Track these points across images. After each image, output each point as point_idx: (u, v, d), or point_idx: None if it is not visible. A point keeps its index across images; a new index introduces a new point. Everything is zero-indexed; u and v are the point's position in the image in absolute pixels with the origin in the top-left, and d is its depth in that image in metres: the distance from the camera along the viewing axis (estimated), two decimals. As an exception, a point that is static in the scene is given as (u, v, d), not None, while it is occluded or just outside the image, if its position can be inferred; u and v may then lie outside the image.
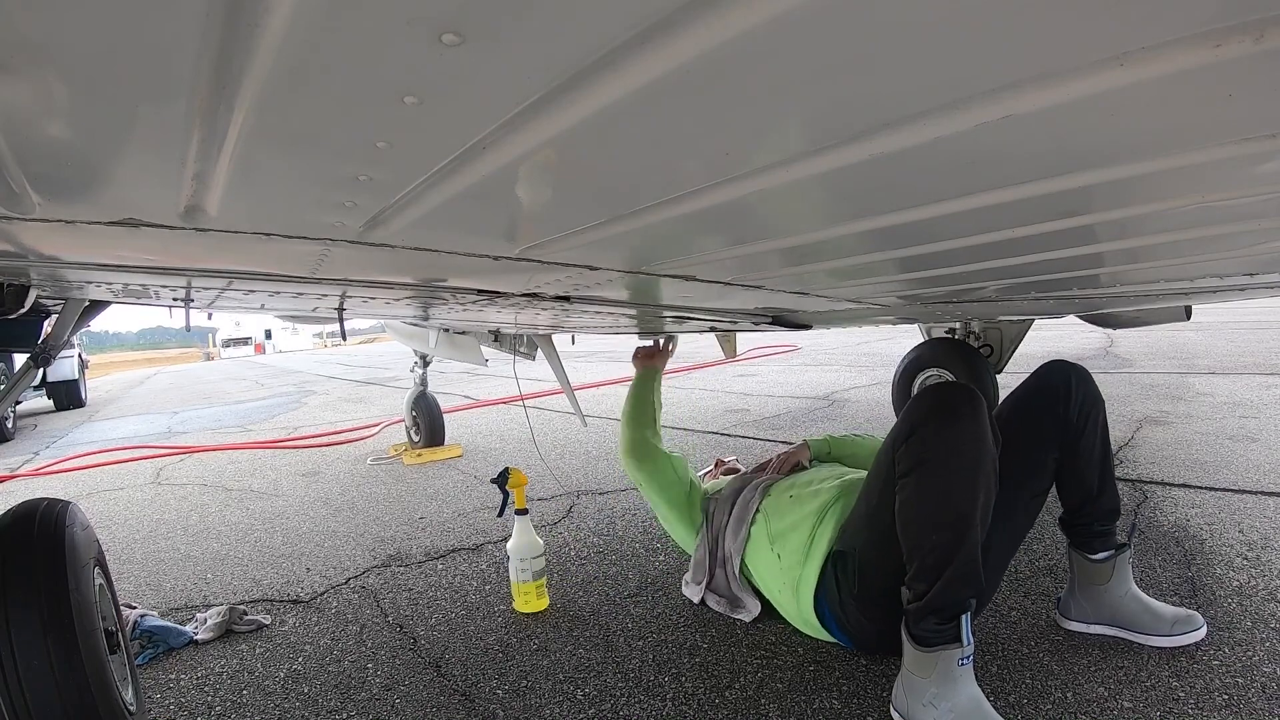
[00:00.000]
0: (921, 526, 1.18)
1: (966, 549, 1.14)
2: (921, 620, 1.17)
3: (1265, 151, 0.51)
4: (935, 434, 1.19)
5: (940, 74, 0.39)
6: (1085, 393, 1.38)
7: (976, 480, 1.16)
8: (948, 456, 1.17)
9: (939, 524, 1.16)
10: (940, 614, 1.15)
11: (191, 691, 1.51)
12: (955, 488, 1.16)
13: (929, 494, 1.18)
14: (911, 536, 1.19)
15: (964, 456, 1.17)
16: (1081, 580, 1.44)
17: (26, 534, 1.07)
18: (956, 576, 1.14)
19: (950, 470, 1.17)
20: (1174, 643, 1.34)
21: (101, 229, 0.66)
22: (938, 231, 0.77)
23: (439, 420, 3.98)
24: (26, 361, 1.61)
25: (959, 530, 1.14)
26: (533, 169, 0.53)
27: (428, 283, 1.18)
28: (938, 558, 1.15)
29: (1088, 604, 1.44)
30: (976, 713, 1.12)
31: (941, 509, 1.16)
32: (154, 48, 0.34)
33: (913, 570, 1.19)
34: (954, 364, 3.20)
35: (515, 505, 1.83)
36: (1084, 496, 1.40)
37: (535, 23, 0.33)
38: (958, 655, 1.13)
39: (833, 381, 5.40)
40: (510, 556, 1.77)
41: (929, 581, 1.15)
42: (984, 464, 1.17)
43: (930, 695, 1.14)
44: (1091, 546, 1.42)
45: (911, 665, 1.18)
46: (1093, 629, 1.44)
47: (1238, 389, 3.70)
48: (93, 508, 3.29)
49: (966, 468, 1.16)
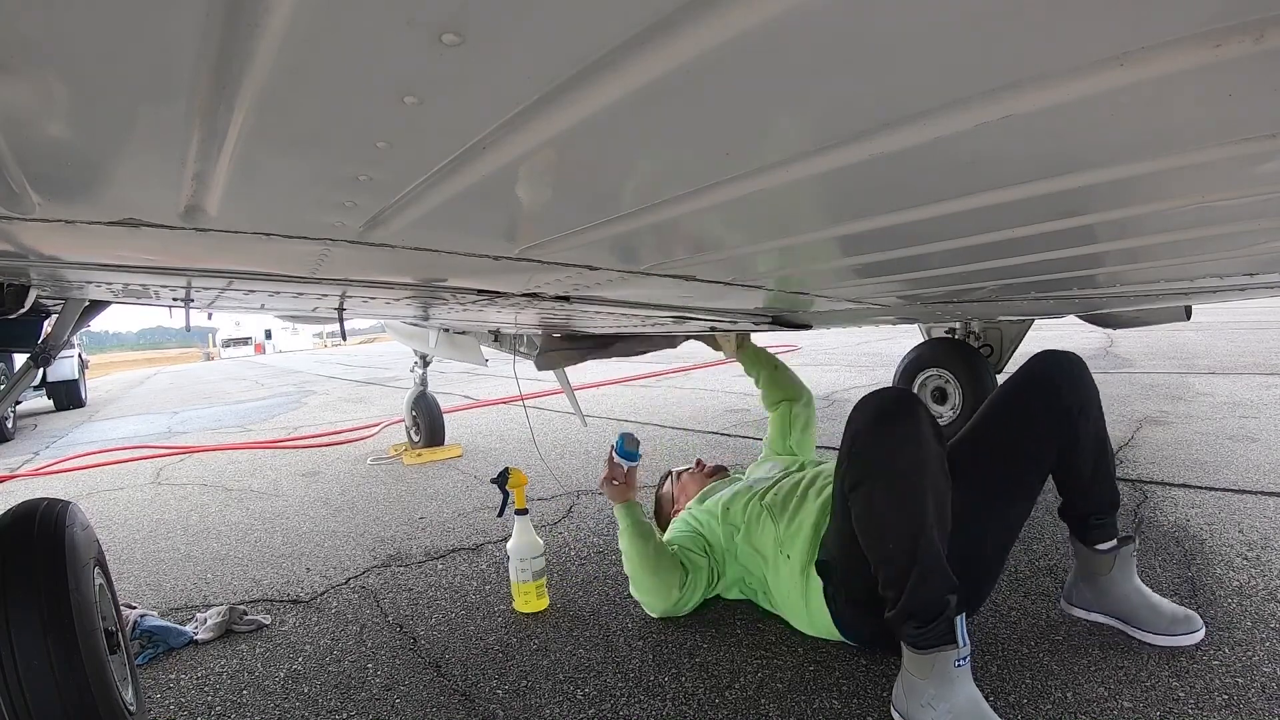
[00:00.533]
0: (877, 538, 1.20)
1: (925, 551, 1.15)
2: (903, 625, 1.17)
3: (1265, 151, 0.51)
4: (874, 444, 1.21)
5: (940, 74, 0.39)
6: (1079, 382, 1.37)
7: (922, 482, 1.17)
8: (888, 465, 1.19)
9: (892, 533, 1.17)
10: (918, 617, 1.15)
11: (191, 691, 1.51)
12: (902, 494, 1.17)
13: (877, 505, 1.19)
14: (871, 548, 1.21)
15: (904, 461, 1.18)
16: (1083, 569, 1.45)
17: (26, 534, 1.07)
18: (922, 578, 1.14)
19: (893, 478, 1.18)
20: (1170, 642, 1.33)
21: (101, 229, 0.66)
22: (938, 231, 0.77)
23: (439, 420, 3.98)
24: (26, 361, 1.61)
25: (912, 535, 1.15)
26: (533, 169, 0.53)
27: (428, 283, 1.18)
28: (899, 565, 1.16)
29: (1090, 592, 1.44)
30: (974, 713, 1.12)
31: (891, 518, 1.17)
32: (154, 48, 0.34)
33: (881, 579, 1.20)
34: (954, 364, 3.20)
35: (515, 505, 1.83)
36: (1080, 487, 1.39)
37: (535, 23, 0.33)
38: (954, 656, 1.13)
39: (833, 381, 5.40)
40: (510, 556, 1.77)
41: (898, 589, 1.16)
42: (927, 464, 1.18)
43: (928, 696, 1.14)
44: (1090, 537, 1.42)
45: (910, 666, 1.18)
46: (1093, 617, 1.45)
47: (1238, 389, 3.70)
48: (93, 508, 3.29)
49: (909, 472, 1.17)
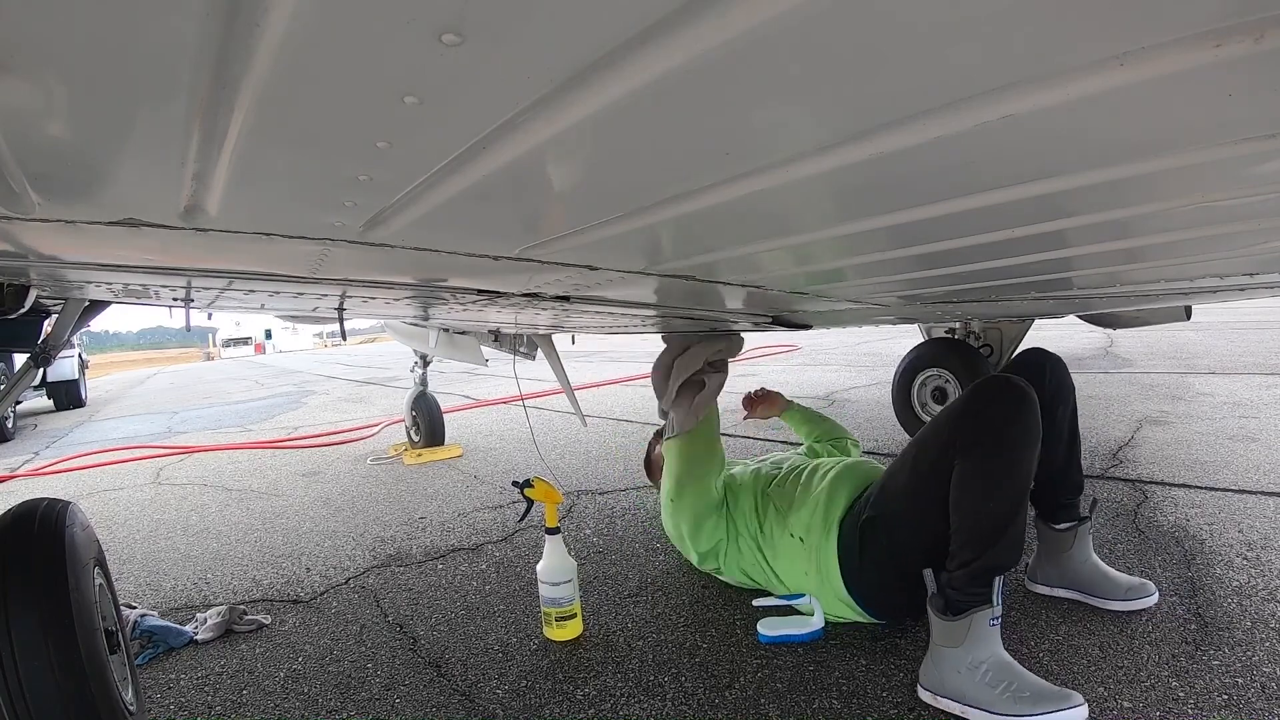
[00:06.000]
0: (981, 498, 1.25)
1: (1019, 521, 1.24)
2: (956, 584, 1.23)
3: (1265, 151, 0.51)
4: (1002, 416, 1.28)
5: (940, 74, 0.39)
6: (1057, 376, 1.52)
7: (1031, 465, 1.27)
8: (1014, 437, 1.26)
9: (998, 494, 1.24)
10: (979, 579, 1.22)
11: (191, 691, 1.51)
12: (1016, 465, 1.25)
13: (992, 469, 1.26)
14: (968, 506, 1.26)
15: (1027, 442, 1.26)
16: (1047, 548, 1.59)
17: (26, 534, 1.07)
18: (1005, 545, 1.22)
19: (1013, 450, 1.26)
20: (1126, 607, 1.48)
21: (101, 229, 0.66)
22: (938, 231, 0.77)
23: (439, 420, 3.98)
24: (26, 361, 1.61)
25: (1016, 504, 1.24)
26: (533, 169, 0.53)
27: (428, 283, 1.18)
28: (993, 526, 1.22)
29: (1052, 569, 1.58)
30: (1011, 670, 1.18)
31: (1001, 483, 1.24)
32: (154, 48, 0.34)
33: (963, 538, 1.25)
34: (954, 364, 3.20)
35: (547, 523, 1.68)
36: (1051, 471, 1.51)
37: (535, 23, 0.33)
38: (989, 616, 1.21)
39: (833, 381, 5.40)
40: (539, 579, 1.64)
41: (978, 550, 1.22)
42: (1035, 453, 1.28)
43: (964, 662, 1.19)
44: (1056, 517, 1.57)
45: (941, 639, 1.23)
46: (1056, 592, 1.58)
47: (1238, 389, 3.70)
48: (93, 508, 3.29)
49: (1027, 448, 1.26)
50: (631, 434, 4.01)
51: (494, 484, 3.12)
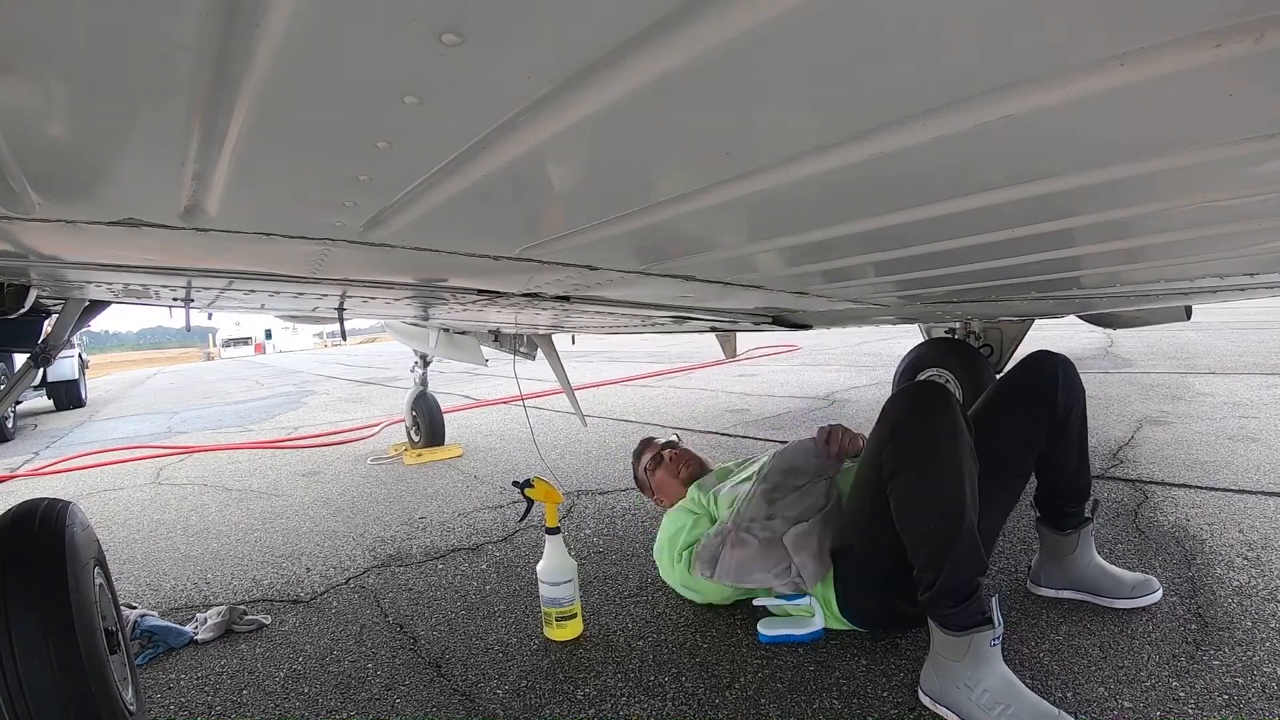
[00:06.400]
0: (919, 519, 1.25)
1: (964, 533, 1.20)
2: (938, 606, 1.21)
3: (1265, 151, 0.51)
4: (915, 431, 1.26)
5: (940, 74, 0.39)
6: (1071, 382, 1.48)
7: (960, 468, 1.23)
8: (930, 452, 1.24)
9: (934, 514, 1.22)
10: (954, 595, 1.20)
11: (191, 691, 1.51)
12: (942, 479, 1.22)
13: (920, 489, 1.24)
14: (911, 531, 1.25)
15: (944, 449, 1.24)
16: (1050, 551, 1.57)
17: (26, 534, 1.07)
18: (959, 560, 1.19)
19: (934, 464, 1.23)
20: (1133, 604, 1.47)
21: (101, 229, 0.66)
22: (938, 231, 0.77)
23: (439, 420, 3.98)
24: (26, 361, 1.61)
25: (953, 518, 1.21)
26: (533, 169, 0.53)
27: (428, 283, 1.18)
28: (938, 546, 1.21)
29: (1056, 572, 1.57)
30: (1010, 691, 1.16)
31: (933, 501, 1.22)
32: (154, 48, 0.34)
33: (919, 563, 1.24)
34: (954, 364, 3.19)
35: (547, 523, 1.66)
36: (1062, 478, 1.51)
37: (535, 23, 0.33)
38: (990, 637, 1.18)
39: (833, 381, 5.40)
40: (539, 579, 1.62)
41: (936, 570, 1.21)
42: (963, 451, 1.25)
43: (964, 678, 1.18)
44: (1061, 523, 1.54)
45: (942, 649, 1.22)
46: (1061, 594, 1.56)
47: (1238, 389, 3.70)
48: (93, 508, 3.29)
49: (949, 459, 1.23)
50: (631, 434, 4.01)
51: (494, 484, 3.12)
